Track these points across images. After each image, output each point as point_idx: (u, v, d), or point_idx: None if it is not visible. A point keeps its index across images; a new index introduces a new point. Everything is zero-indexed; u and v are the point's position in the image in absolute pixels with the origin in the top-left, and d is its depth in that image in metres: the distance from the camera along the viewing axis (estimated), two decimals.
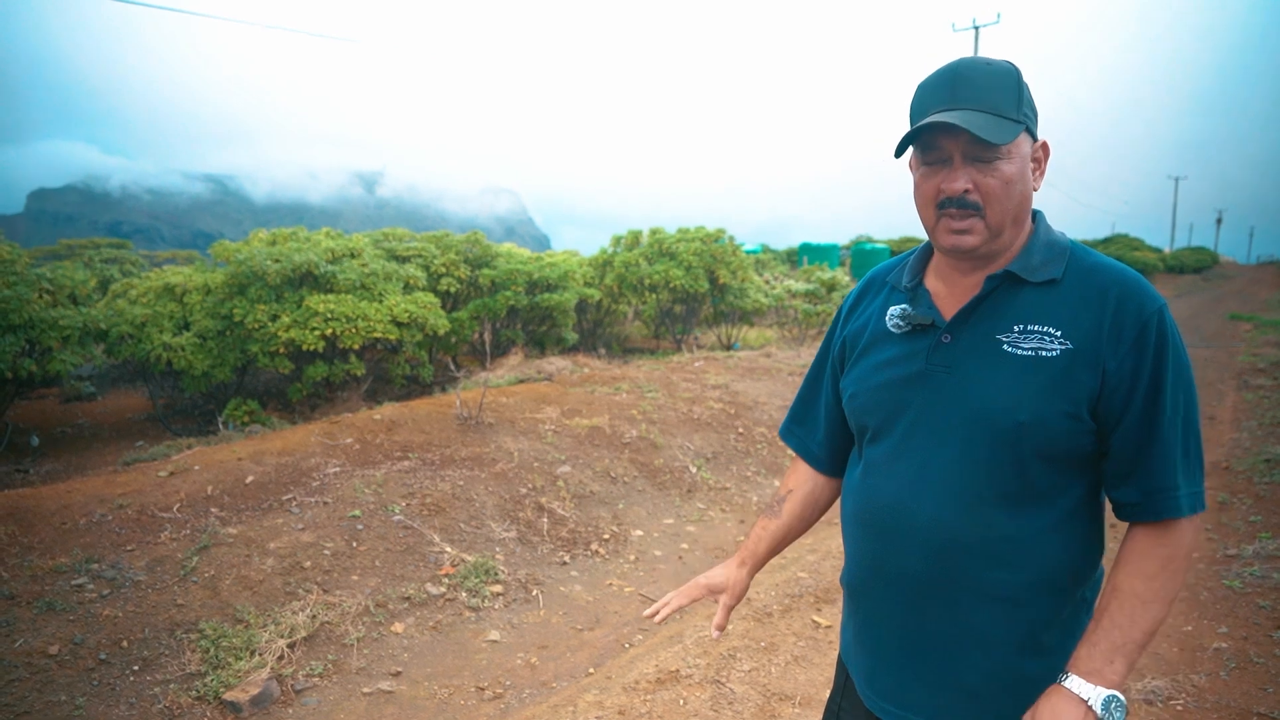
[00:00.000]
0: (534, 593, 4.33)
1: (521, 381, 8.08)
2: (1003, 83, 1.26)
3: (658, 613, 1.60)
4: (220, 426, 6.83)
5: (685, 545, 5.09)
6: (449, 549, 4.52)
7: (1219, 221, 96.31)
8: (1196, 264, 45.91)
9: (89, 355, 7.25)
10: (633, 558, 4.88)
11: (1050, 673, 1.29)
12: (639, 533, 5.22)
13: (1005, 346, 1.27)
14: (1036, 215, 1.37)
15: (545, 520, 5.06)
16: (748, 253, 14.96)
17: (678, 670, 3.48)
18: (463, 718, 3.27)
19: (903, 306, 1.39)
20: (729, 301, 12.18)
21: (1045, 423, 1.22)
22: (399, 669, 3.59)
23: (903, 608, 1.35)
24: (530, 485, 5.38)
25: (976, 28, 27.93)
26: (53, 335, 6.57)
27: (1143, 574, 1.24)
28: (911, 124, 1.30)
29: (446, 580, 4.27)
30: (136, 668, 3.36)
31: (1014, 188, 1.25)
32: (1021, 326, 1.27)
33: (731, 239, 12.30)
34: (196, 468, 4.94)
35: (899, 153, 1.31)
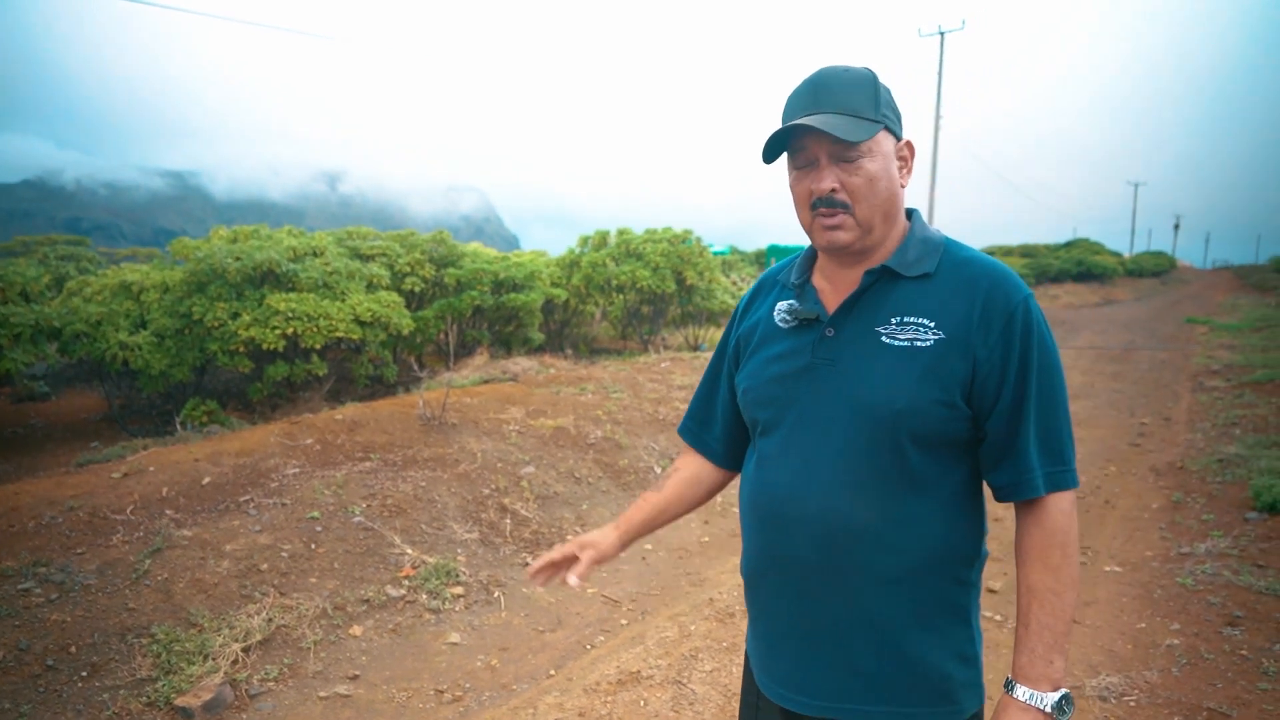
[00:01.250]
0: (495, 594, 4.29)
1: (486, 382, 8.03)
2: (860, 86, 1.32)
3: (539, 571, 1.62)
4: (178, 427, 6.70)
5: (649, 546, 5.09)
6: (410, 551, 4.47)
7: (1177, 227, 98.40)
8: (1155, 268, 46.86)
9: (41, 354, 7.08)
10: None
11: (938, 651, 1.35)
12: None
13: (883, 338, 1.33)
14: (912, 214, 1.44)
15: (508, 521, 5.03)
16: (716, 254, 15.00)
17: (639, 671, 3.47)
18: None
19: (790, 302, 1.46)
20: (696, 302, 12.21)
21: (921, 410, 1.28)
22: (357, 672, 3.54)
23: (795, 594, 1.40)
24: (493, 486, 5.34)
25: (942, 33, 28.30)
26: (3, 333, 6.42)
27: (1049, 567, 1.29)
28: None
29: (407, 582, 4.22)
30: (85, 673, 3.27)
31: (878, 184, 1.32)
32: (899, 319, 1.33)
33: (699, 240, 12.32)
34: (151, 469, 4.85)
35: (766, 158, 1.36)
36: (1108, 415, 8.62)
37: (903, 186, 1.38)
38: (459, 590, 4.24)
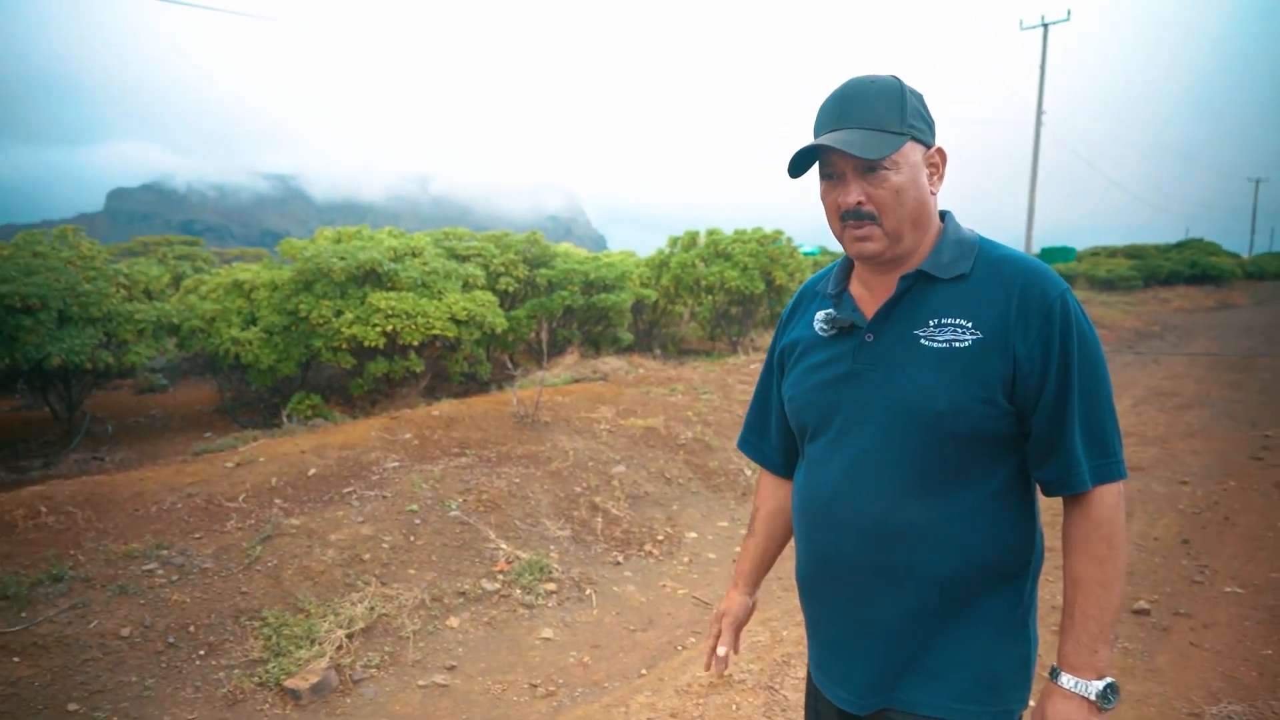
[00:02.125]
0: (587, 592, 4.34)
1: (577, 381, 8.12)
2: (885, 99, 1.34)
3: (715, 667, 1.71)
4: (284, 419, 6.99)
5: (739, 549, 5.05)
6: (504, 546, 4.55)
7: None
8: (1279, 270, 44.02)
9: (162, 348, 7.50)
10: (687, 560, 4.85)
11: (989, 650, 1.37)
12: (693, 535, 5.19)
13: (922, 340, 1.35)
14: (945, 216, 1.45)
15: (600, 520, 5.07)
16: (805, 254, 14.82)
17: (730, 675, 3.45)
18: (515, 714, 3.29)
19: (828, 311, 1.48)
20: (785, 303, 12.07)
21: (962, 409, 1.30)
22: (454, 663, 3.63)
23: (845, 595, 1.44)
24: (585, 484, 5.39)
25: (1045, 25, 27.25)
26: (129, 328, 6.81)
27: (1095, 558, 1.30)
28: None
29: (501, 577, 4.30)
30: (202, 652, 3.45)
31: (905, 195, 1.33)
32: (936, 321, 1.35)
33: (789, 240, 12.20)
34: (261, 459, 5.07)
35: (792, 173, 1.39)
36: (1225, 427, 8.14)
37: (933, 193, 1.40)
38: (552, 586, 4.30)
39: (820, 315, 1.49)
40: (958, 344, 1.31)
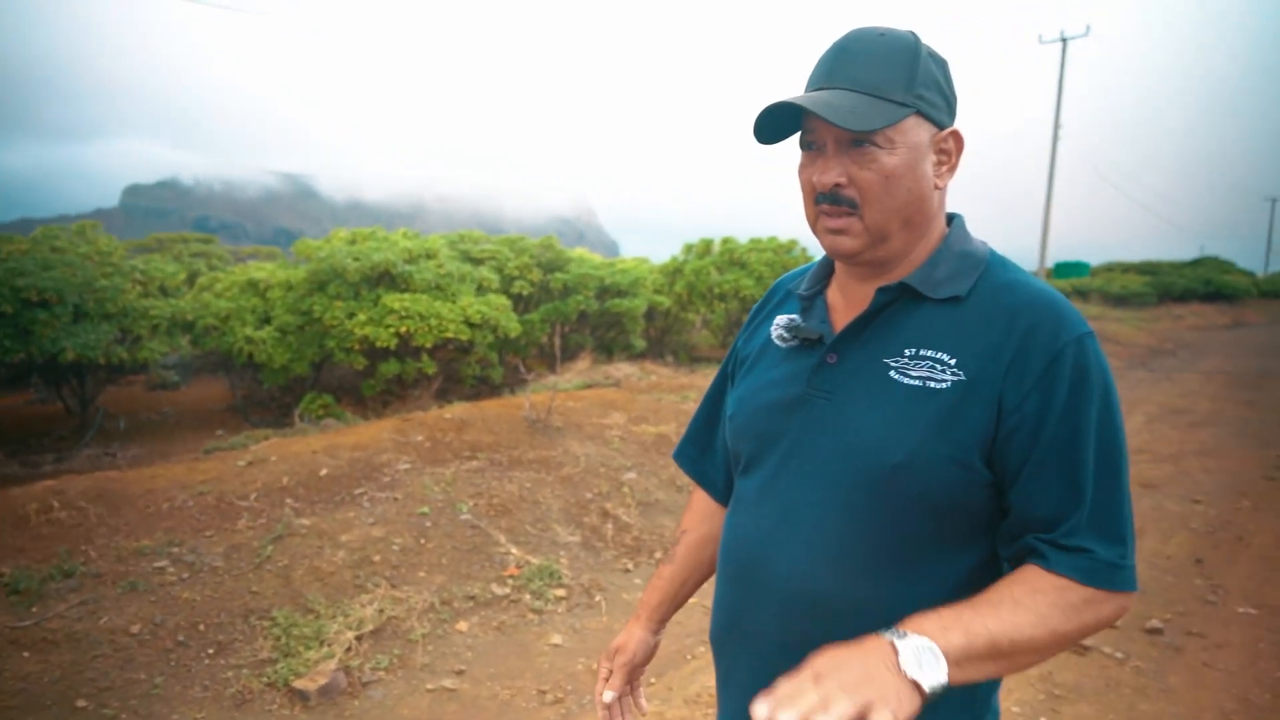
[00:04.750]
0: (597, 598, 4.33)
1: (589, 386, 8.12)
2: (891, 57, 1.07)
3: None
4: (296, 419, 7.01)
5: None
6: (514, 550, 4.55)
7: None
8: None
9: (176, 345, 7.54)
10: None
11: None
12: None
13: (892, 373, 1.09)
14: (954, 220, 1.19)
15: (610, 526, 5.06)
16: None
17: None
18: None
19: (791, 317, 1.23)
20: None
21: (925, 468, 1.04)
22: (462, 667, 3.62)
23: (755, 674, 1.14)
24: (596, 490, 5.39)
25: (1064, 40, 27.17)
26: (144, 324, 6.85)
27: (1036, 608, 0.97)
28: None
29: (511, 581, 4.30)
30: (211, 651, 3.45)
31: (897, 183, 1.07)
32: (913, 350, 1.09)
33: (805, 250, 12.21)
34: (273, 458, 5.08)
35: (760, 136, 1.14)
36: (1239, 446, 8.08)
37: (939, 188, 1.12)
38: (561, 592, 4.29)
39: (782, 320, 1.23)
40: (934, 384, 1.05)
